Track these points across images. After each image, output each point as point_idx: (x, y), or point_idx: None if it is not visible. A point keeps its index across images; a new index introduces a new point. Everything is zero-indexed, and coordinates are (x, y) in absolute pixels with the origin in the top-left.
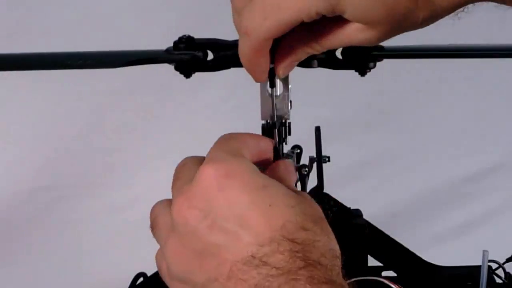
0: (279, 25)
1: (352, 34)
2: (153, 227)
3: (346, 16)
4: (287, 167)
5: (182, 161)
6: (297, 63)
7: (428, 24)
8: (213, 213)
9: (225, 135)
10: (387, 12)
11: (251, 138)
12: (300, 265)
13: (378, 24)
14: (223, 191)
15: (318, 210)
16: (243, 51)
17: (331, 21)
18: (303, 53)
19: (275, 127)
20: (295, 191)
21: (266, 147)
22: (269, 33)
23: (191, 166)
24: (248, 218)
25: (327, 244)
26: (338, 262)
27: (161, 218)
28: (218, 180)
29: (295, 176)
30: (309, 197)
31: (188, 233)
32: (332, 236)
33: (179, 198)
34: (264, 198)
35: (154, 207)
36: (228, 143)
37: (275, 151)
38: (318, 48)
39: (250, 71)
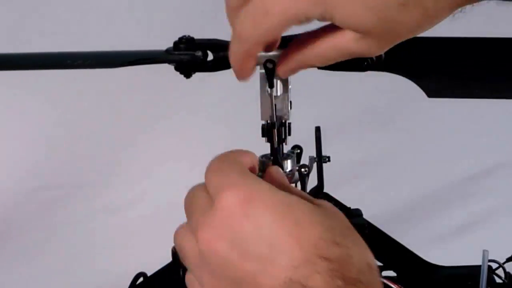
0: (268, 31)
1: (347, 44)
2: (181, 255)
3: (336, 22)
4: (278, 171)
5: (189, 193)
6: (298, 71)
7: (424, 29)
8: (242, 241)
9: (219, 156)
10: (377, 16)
11: (242, 154)
12: (340, 285)
13: (370, 32)
14: (247, 217)
15: (343, 219)
16: (234, 52)
17: (329, 32)
18: (303, 64)
19: (275, 127)
20: (314, 202)
21: (253, 160)
22: (259, 39)
23: (201, 195)
24: (277, 240)
25: (363, 257)
26: (377, 277)
27: (188, 249)
28: (241, 206)
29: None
30: (330, 206)
31: (220, 265)
32: (365, 245)
33: (204, 230)
34: (290, 217)
35: (176, 234)
36: (230, 164)
37: (273, 153)
38: (320, 60)
39: (236, 71)
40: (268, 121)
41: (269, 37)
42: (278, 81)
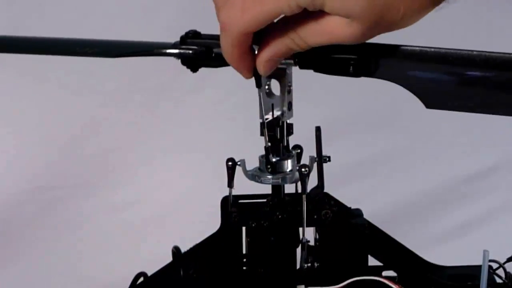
0: (257, 19)
1: (335, 28)
2: None
3: (326, 9)
4: None
5: None
6: (279, 59)
7: (410, 21)
8: None
9: None
10: (367, 2)
11: None
12: None
13: (359, 17)
14: None
15: None
16: (224, 47)
17: (314, 15)
18: (284, 48)
19: (265, 126)
20: None
21: None
22: (245, 27)
23: None
24: None
25: None
26: None
27: None
28: None
29: None
30: None
31: None
32: None
33: None
34: None
35: None
36: None
37: (266, 151)
38: (301, 43)
39: (236, 68)
40: (266, 121)
41: (256, 25)
42: (278, 81)
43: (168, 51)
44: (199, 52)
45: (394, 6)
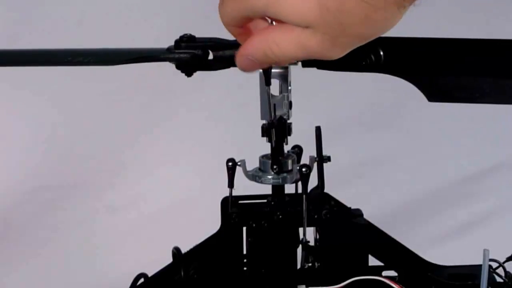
0: (227, 18)
1: (304, 39)
2: None
3: (281, 17)
4: None
5: None
6: (256, 61)
7: (377, 26)
8: None
9: None
10: (318, 3)
11: None
12: None
13: (316, 25)
14: None
15: None
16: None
17: (286, 27)
18: (260, 52)
19: (273, 126)
20: None
21: None
22: (223, 20)
23: None
24: None
25: None
26: None
27: None
28: None
29: None
30: None
31: None
32: None
33: None
34: None
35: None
36: None
37: (273, 152)
38: (277, 52)
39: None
40: (268, 121)
41: (230, 22)
42: (278, 81)
43: (163, 56)
44: (195, 55)
45: (349, 9)
